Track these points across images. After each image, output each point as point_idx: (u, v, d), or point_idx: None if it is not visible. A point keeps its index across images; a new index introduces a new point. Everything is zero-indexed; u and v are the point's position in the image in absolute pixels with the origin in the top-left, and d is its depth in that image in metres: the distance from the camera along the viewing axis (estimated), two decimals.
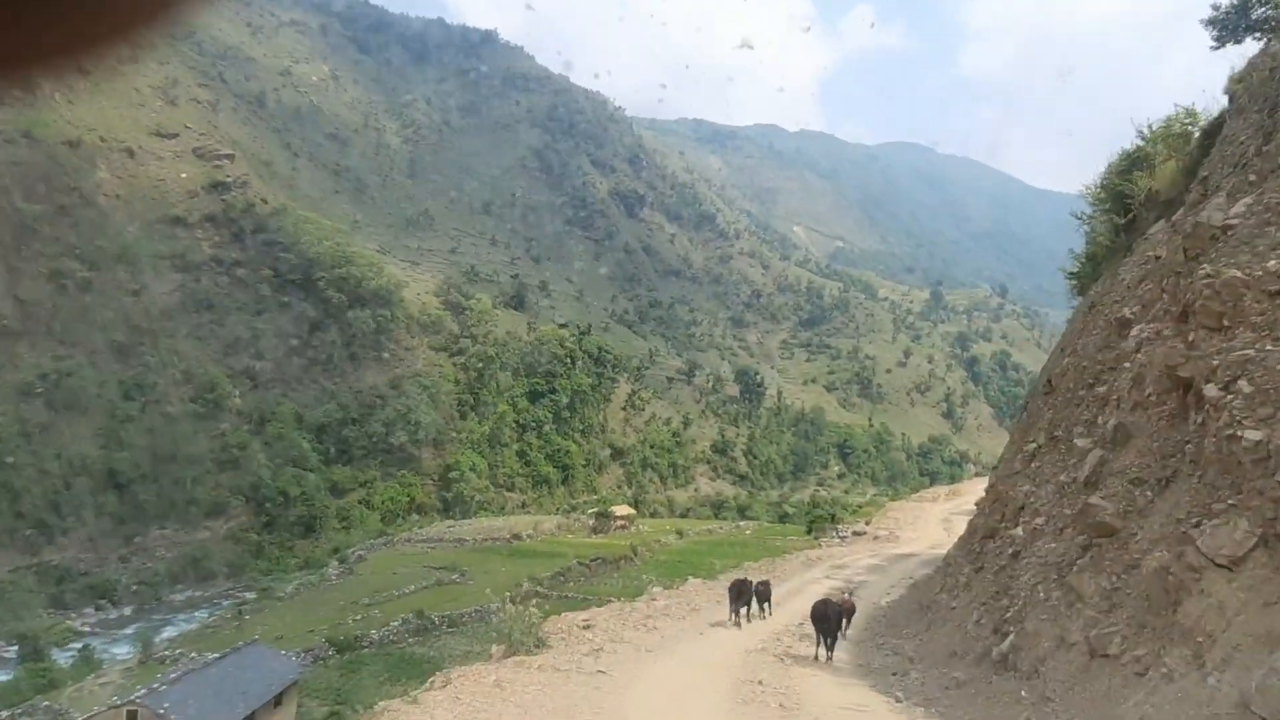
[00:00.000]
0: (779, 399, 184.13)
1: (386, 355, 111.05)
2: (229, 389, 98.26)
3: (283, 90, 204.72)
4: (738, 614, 18.44)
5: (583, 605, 24.53)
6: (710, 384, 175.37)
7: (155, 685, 25.49)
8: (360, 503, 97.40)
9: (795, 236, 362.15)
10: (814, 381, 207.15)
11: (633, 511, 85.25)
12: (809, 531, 54.64)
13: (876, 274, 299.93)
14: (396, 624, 44.72)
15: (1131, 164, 15.03)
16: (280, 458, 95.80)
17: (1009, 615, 12.17)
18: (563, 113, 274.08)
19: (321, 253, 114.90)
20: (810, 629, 16.44)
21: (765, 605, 19.47)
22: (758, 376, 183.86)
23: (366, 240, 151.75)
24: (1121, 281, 13.73)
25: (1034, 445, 14.98)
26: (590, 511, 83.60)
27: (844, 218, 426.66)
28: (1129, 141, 15.81)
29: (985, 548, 15.88)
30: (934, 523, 36.95)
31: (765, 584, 19.82)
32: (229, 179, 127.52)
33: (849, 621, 17.72)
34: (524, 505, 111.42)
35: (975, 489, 59.80)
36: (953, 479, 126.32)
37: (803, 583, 24.08)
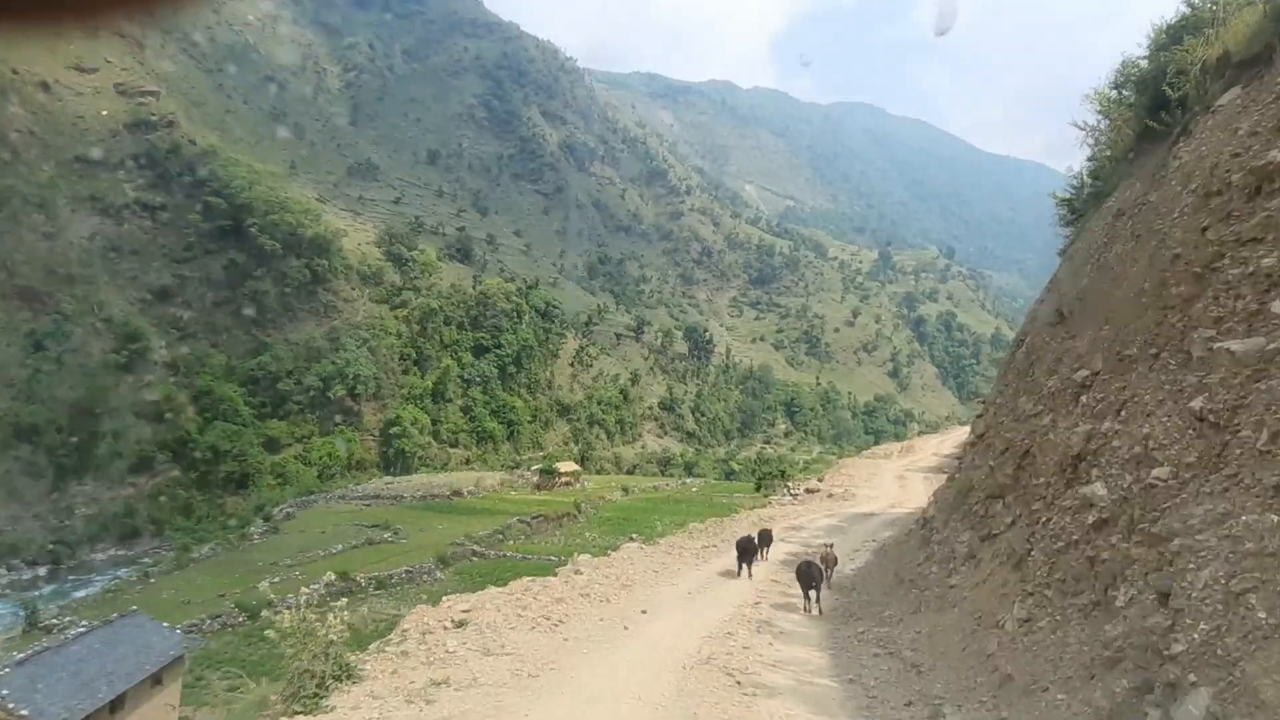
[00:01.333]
0: (727, 357, 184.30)
1: (324, 305, 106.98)
2: (153, 339, 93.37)
3: (216, 28, 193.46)
4: (746, 567, 18.23)
5: (508, 574, 22.37)
6: (659, 341, 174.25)
7: None
8: (297, 459, 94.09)
9: (747, 195, 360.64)
10: (762, 340, 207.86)
11: (578, 468, 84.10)
12: (758, 488, 52.98)
13: (827, 233, 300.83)
14: (317, 587, 41.32)
15: (1178, 33, 12.87)
16: (210, 411, 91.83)
17: (1142, 633, 6.76)
18: (512, 61, 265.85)
19: (254, 198, 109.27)
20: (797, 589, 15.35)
21: (765, 549, 19.91)
22: (706, 334, 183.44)
23: (305, 188, 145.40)
24: (1181, 168, 10.88)
25: (1084, 373, 11.25)
26: (535, 468, 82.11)
27: (795, 176, 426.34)
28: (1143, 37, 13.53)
29: (992, 510, 12.54)
30: (890, 480, 35.73)
31: (768, 532, 20.38)
32: (154, 117, 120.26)
33: (832, 571, 17.75)
34: (468, 462, 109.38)
35: (929, 446, 59.62)
36: (898, 438, 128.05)
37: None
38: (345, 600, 28.53)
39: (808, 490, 33.47)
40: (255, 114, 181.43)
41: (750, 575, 17.80)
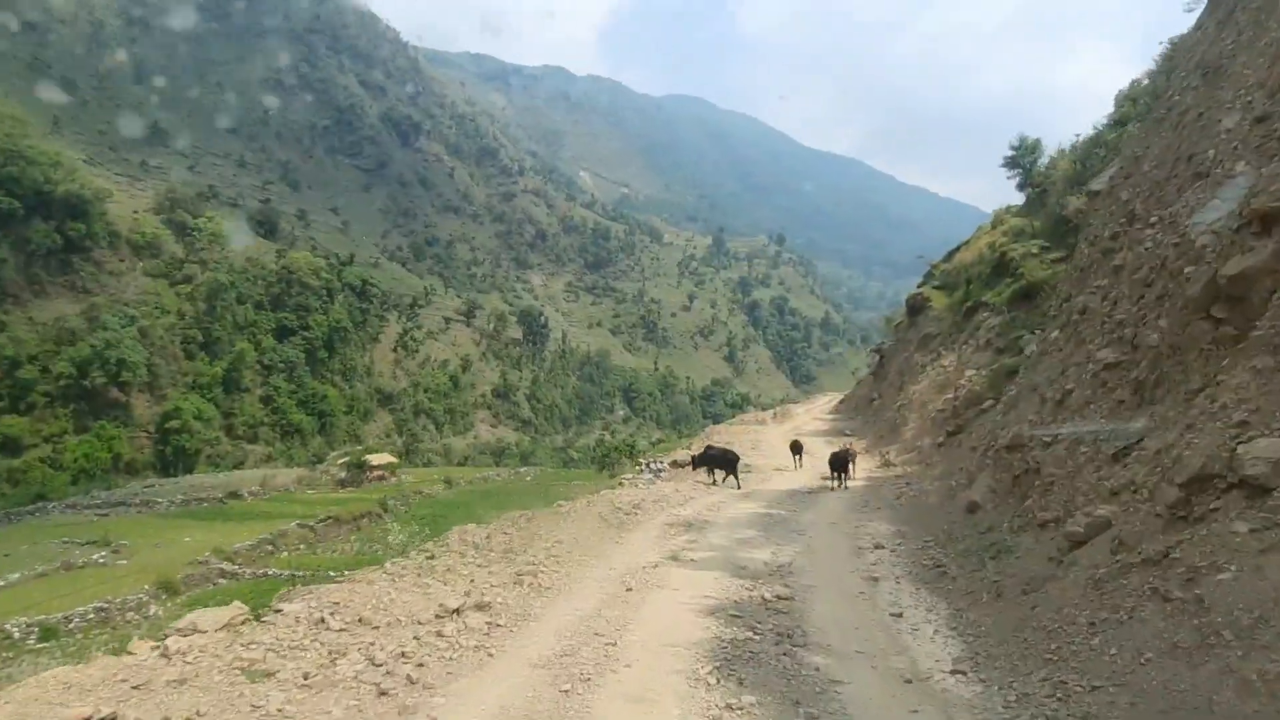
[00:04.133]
0: (564, 342, 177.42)
1: (82, 279, 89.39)
2: None
3: None
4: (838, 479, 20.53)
5: (265, 596, 14.28)
6: (492, 326, 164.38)
7: None
8: (43, 461, 77.19)
9: (582, 180, 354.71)
10: (599, 325, 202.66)
11: (393, 460, 74.06)
12: (602, 469, 44.03)
13: (662, 220, 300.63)
14: None
15: None
16: None
17: None
18: (325, 25, 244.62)
19: None
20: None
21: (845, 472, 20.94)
22: (542, 318, 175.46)
23: (72, 150, 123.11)
24: None
25: None
26: (340, 462, 71.31)
27: (629, 165, 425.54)
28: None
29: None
30: (781, 446, 29.60)
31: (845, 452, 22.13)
32: None
33: (854, 464, 21.45)
34: (269, 459, 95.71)
35: (811, 411, 55.06)
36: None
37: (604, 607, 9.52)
38: None
39: (673, 464, 26.54)
40: (9, 61, 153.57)
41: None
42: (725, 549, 12.22)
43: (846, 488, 20.18)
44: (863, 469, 24.17)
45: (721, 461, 22.75)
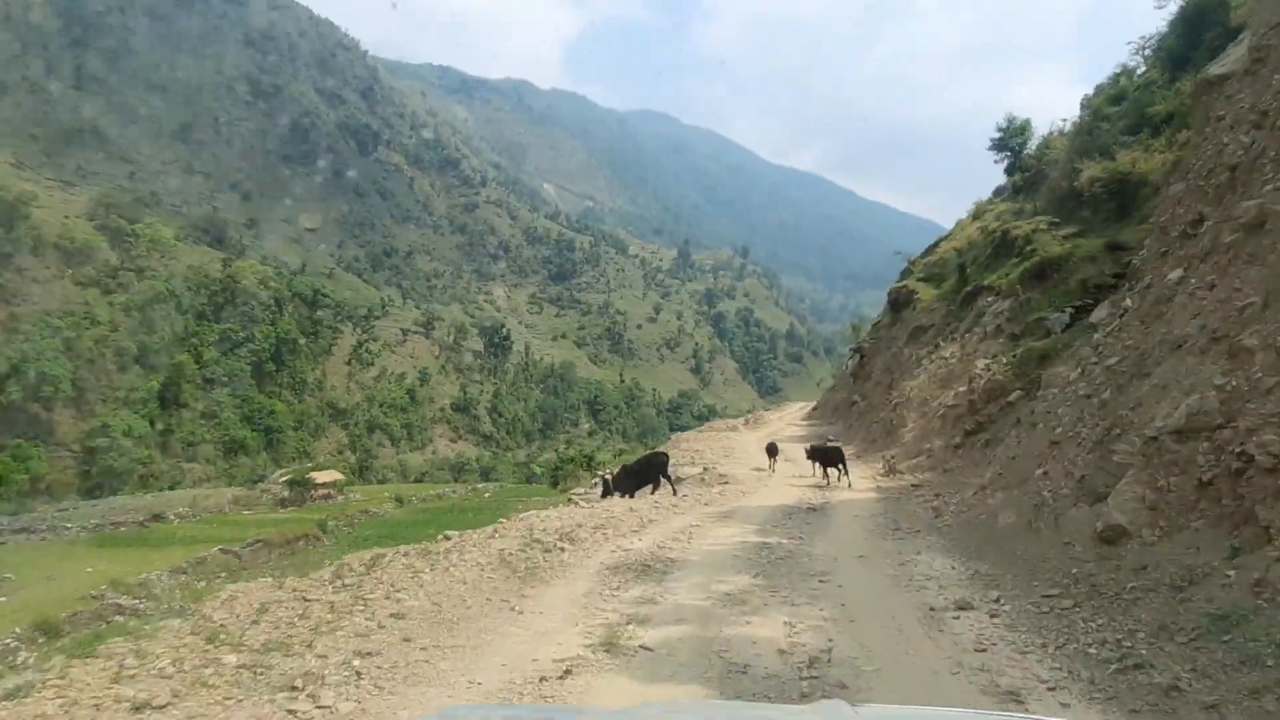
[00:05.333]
0: (527, 354, 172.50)
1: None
2: None
3: None
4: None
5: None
6: (451, 338, 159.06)
7: None
8: None
9: (546, 193, 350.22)
10: (564, 337, 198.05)
11: (340, 477, 68.81)
12: (556, 483, 38.61)
13: (627, 233, 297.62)
14: None
15: None
16: None
17: None
18: (280, 32, 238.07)
19: None
20: None
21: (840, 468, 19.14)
22: (504, 330, 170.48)
23: None
24: None
25: None
26: (282, 480, 65.92)
27: (594, 178, 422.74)
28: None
29: None
30: (757, 452, 25.25)
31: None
32: None
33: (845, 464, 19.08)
34: (210, 478, 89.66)
35: (784, 418, 51.24)
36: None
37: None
38: None
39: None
40: None
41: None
42: (703, 618, 7.33)
43: (850, 485, 18.40)
44: (862, 476, 20.52)
45: (643, 476, 17.82)
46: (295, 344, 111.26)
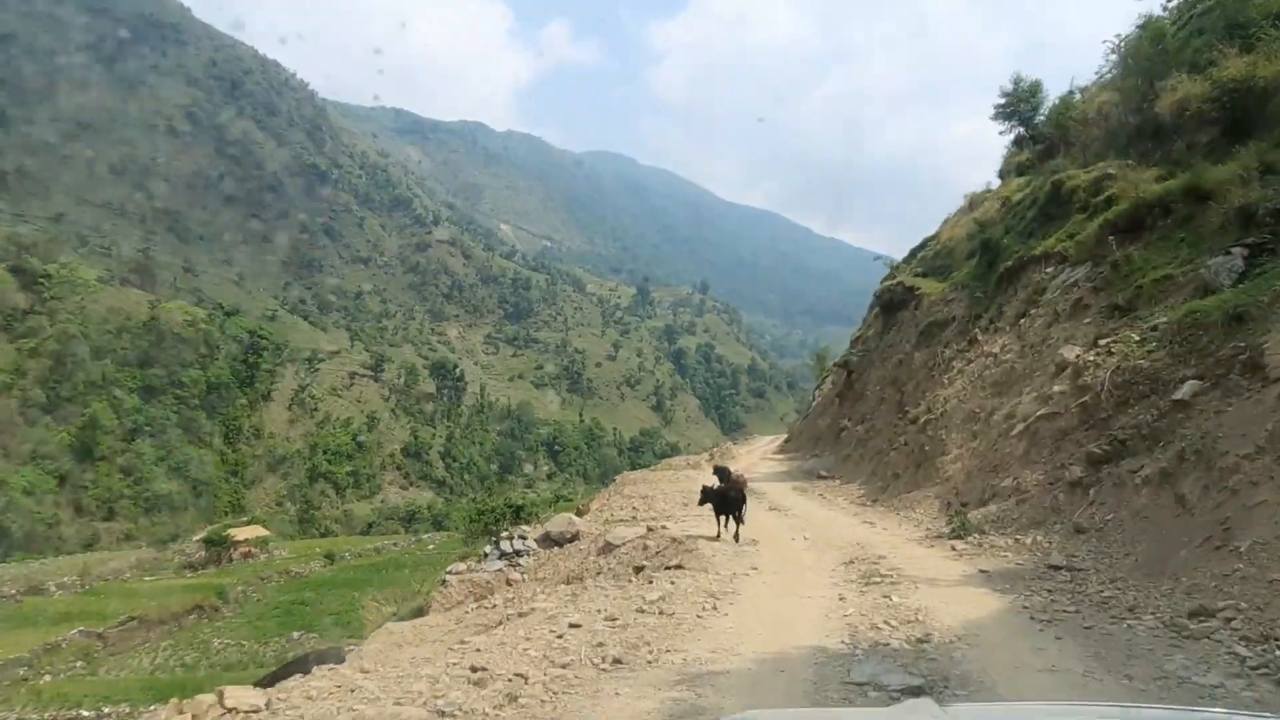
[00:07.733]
0: (482, 395, 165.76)
1: None
2: None
3: None
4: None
5: None
6: (401, 380, 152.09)
7: None
8: None
9: (502, 233, 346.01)
10: (521, 377, 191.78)
11: (264, 533, 61.96)
12: (471, 538, 29.74)
13: (584, 271, 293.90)
14: None
15: None
16: None
17: None
18: (224, 71, 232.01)
19: None
20: None
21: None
22: (457, 370, 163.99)
23: None
24: None
25: None
26: (198, 539, 58.96)
27: (551, 218, 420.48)
28: None
29: None
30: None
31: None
32: None
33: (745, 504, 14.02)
34: (129, 536, 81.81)
35: (755, 451, 45.65)
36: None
37: None
38: None
39: (546, 539, 16.72)
40: None
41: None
42: None
43: (737, 539, 13.64)
44: (901, 538, 14.03)
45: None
46: (228, 389, 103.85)
